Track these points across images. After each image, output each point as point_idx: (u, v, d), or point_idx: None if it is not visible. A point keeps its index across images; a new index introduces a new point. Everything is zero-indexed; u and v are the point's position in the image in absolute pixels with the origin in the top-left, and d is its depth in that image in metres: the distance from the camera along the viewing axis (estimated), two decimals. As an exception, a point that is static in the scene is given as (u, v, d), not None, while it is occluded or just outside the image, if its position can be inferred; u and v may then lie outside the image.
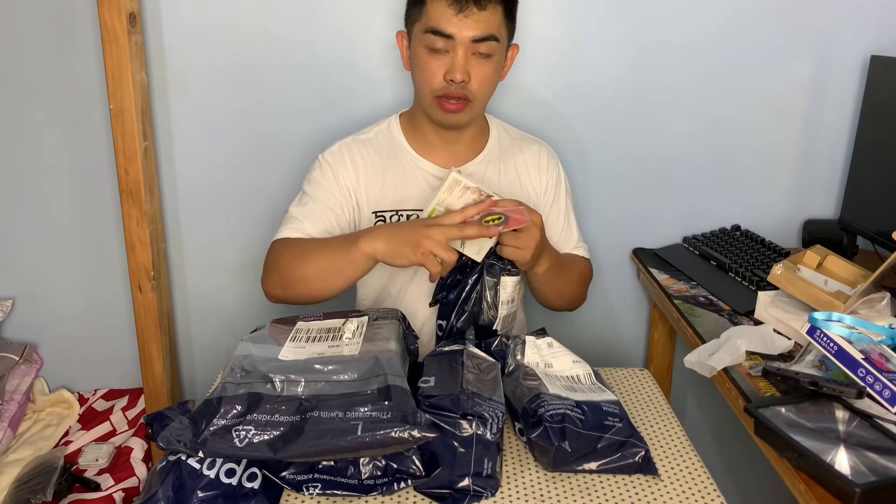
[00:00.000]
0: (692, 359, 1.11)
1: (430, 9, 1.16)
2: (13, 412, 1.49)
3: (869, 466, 0.81)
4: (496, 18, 1.16)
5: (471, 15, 1.14)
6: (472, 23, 1.14)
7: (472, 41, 1.15)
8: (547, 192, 1.35)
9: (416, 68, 1.21)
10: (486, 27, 1.15)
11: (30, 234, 1.59)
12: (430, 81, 1.18)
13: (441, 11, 1.14)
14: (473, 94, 1.19)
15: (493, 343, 1.10)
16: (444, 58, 1.17)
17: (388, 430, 0.83)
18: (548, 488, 0.89)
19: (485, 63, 1.18)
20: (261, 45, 1.48)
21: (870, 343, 1.00)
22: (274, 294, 1.22)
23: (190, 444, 0.83)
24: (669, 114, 1.56)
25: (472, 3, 1.13)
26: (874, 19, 1.51)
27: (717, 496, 0.88)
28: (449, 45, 1.16)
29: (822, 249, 1.28)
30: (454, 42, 1.15)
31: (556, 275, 1.24)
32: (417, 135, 1.30)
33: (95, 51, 1.44)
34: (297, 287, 1.17)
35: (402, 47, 1.26)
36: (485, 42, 1.16)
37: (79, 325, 1.66)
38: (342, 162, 1.27)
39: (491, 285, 1.16)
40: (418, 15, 1.18)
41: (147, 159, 1.45)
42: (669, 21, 1.50)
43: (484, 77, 1.18)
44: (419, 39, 1.18)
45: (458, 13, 1.13)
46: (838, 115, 1.57)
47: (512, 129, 1.38)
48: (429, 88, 1.19)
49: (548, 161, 1.35)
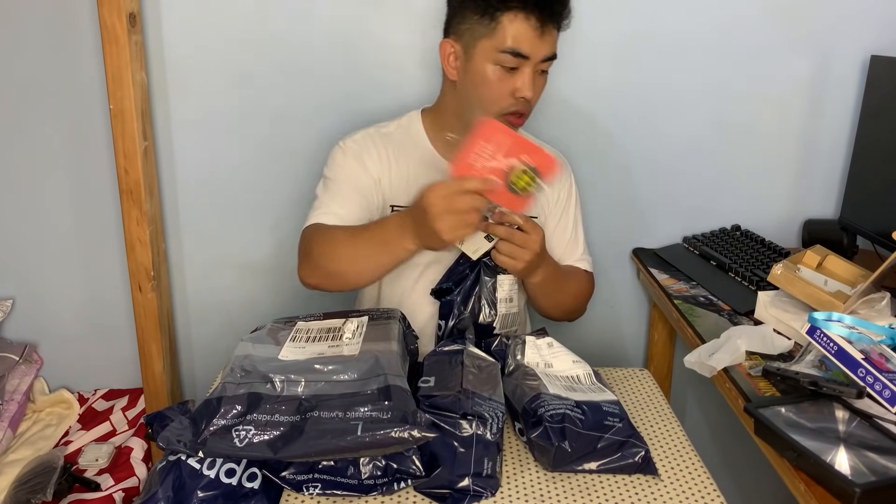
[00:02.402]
0: (692, 359, 1.11)
1: (507, 27, 1.13)
2: (13, 412, 1.49)
3: (869, 466, 0.81)
4: (556, 36, 1.18)
5: (548, 34, 1.14)
6: (547, 43, 1.15)
7: (542, 60, 1.16)
8: (557, 203, 1.35)
9: (480, 85, 1.17)
10: (553, 46, 1.17)
11: (30, 234, 1.59)
12: (500, 100, 1.17)
13: (522, 31, 1.13)
14: (531, 108, 1.20)
15: (493, 343, 1.11)
16: (512, 75, 1.16)
17: (388, 430, 0.83)
18: (548, 488, 0.89)
19: (542, 78, 1.19)
20: (261, 45, 1.47)
21: (870, 343, 1.00)
22: (310, 283, 1.21)
23: (190, 444, 0.83)
24: (669, 114, 1.55)
25: (552, 25, 1.14)
26: (874, 19, 1.51)
27: (717, 496, 0.88)
28: (519, 63, 1.15)
29: (822, 249, 1.28)
30: (528, 61, 1.14)
31: (552, 287, 1.25)
32: (440, 134, 1.29)
33: (95, 51, 1.44)
34: (335, 278, 1.17)
35: (446, 55, 1.21)
36: (550, 61, 1.17)
37: (79, 325, 1.66)
38: (367, 149, 1.26)
39: (488, 284, 1.17)
40: (488, 30, 1.14)
41: (147, 159, 1.45)
42: (669, 21, 1.50)
43: (540, 92, 1.20)
44: (489, 56, 1.15)
45: (541, 36, 1.13)
46: (838, 115, 1.57)
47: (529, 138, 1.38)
48: (497, 106, 1.17)
49: (560, 173, 1.34)
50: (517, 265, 1.12)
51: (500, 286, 1.17)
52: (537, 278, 1.20)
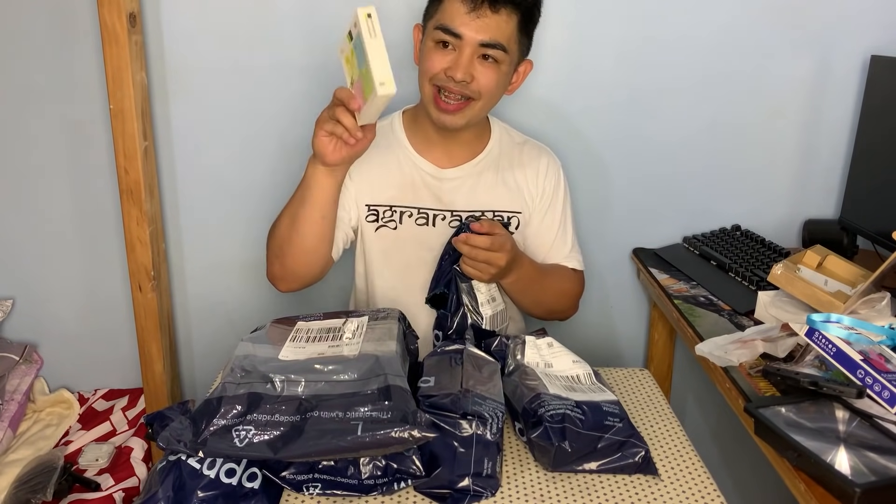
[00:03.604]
0: (704, 348, 1.11)
1: (445, 6, 1.16)
2: (13, 412, 1.49)
3: (869, 466, 0.81)
4: (509, 28, 1.16)
5: (483, 17, 1.14)
6: (482, 25, 1.14)
7: (479, 44, 1.15)
8: (543, 197, 1.33)
9: (421, 60, 1.21)
10: (496, 34, 1.15)
11: (30, 233, 1.59)
12: (430, 70, 1.18)
13: (455, 9, 1.15)
14: (477, 93, 1.18)
15: (493, 343, 1.10)
16: (448, 54, 1.17)
17: (388, 430, 0.83)
18: (548, 488, 0.89)
19: (490, 67, 1.18)
20: (261, 44, 1.47)
21: (869, 344, 1.00)
22: (274, 272, 1.23)
23: (190, 444, 0.83)
24: (670, 114, 1.55)
25: (487, 6, 1.13)
26: (874, 19, 1.51)
27: (717, 496, 0.88)
28: (457, 45, 1.16)
29: (822, 249, 1.29)
30: (462, 42, 1.15)
31: (528, 286, 1.24)
32: (418, 131, 1.30)
33: (95, 51, 1.44)
34: (283, 250, 1.19)
35: (416, 41, 1.26)
36: (492, 49, 1.16)
37: (79, 325, 1.66)
38: None
39: (466, 290, 1.17)
40: (434, 11, 1.19)
41: (147, 159, 1.45)
42: (669, 21, 1.50)
43: (488, 80, 1.18)
44: (430, 34, 1.19)
45: (470, 12, 1.13)
46: (838, 115, 1.57)
47: (516, 133, 1.37)
48: (427, 77, 1.19)
49: (547, 167, 1.34)
50: (482, 277, 1.15)
51: (478, 290, 1.17)
52: (510, 279, 1.20)
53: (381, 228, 1.28)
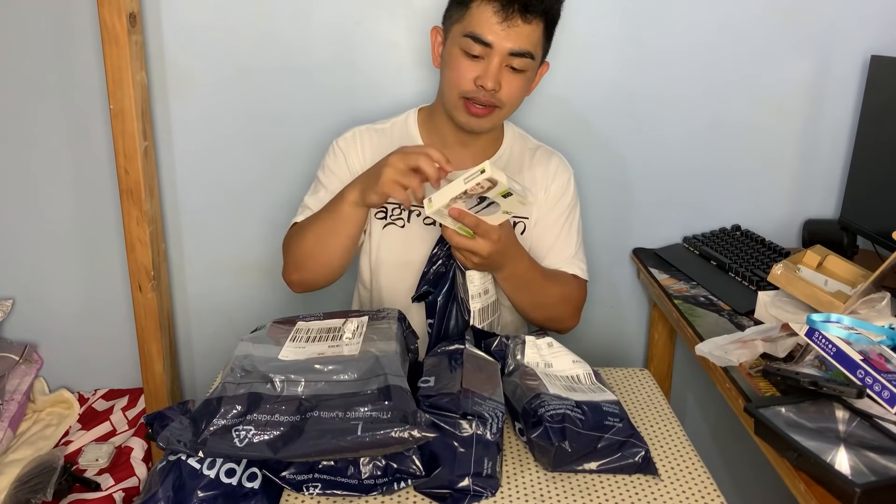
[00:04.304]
0: (704, 348, 1.11)
1: (474, 13, 1.14)
2: (13, 412, 1.49)
3: (869, 466, 0.81)
4: (536, 35, 1.16)
5: (514, 27, 1.13)
6: (513, 35, 1.13)
7: (509, 53, 1.14)
8: (547, 200, 1.32)
9: (446, 68, 1.20)
10: (526, 42, 1.15)
11: (30, 234, 1.59)
12: (459, 83, 1.17)
13: (485, 18, 1.13)
14: (502, 101, 1.18)
15: (493, 343, 1.10)
16: (477, 63, 1.16)
17: (388, 430, 0.82)
18: (548, 488, 0.89)
19: (516, 76, 1.17)
20: (261, 45, 1.48)
21: (868, 344, 1.00)
22: (292, 279, 1.24)
23: (190, 444, 0.83)
24: (670, 114, 1.55)
25: (518, 16, 1.12)
26: (874, 19, 1.51)
27: (717, 496, 0.88)
28: (485, 53, 1.14)
29: (822, 249, 1.29)
30: (491, 51, 1.14)
31: (526, 285, 1.22)
32: (434, 132, 1.29)
33: (95, 51, 1.44)
34: (306, 263, 1.20)
35: (434, 43, 1.25)
36: (521, 57, 1.15)
37: (79, 325, 1.66)
38: (354, 148, 1.28)
39: (460, 280, 1.17)
40: (460, 16, 1.16)
41: (147, 159, 1.45)
42: (670, 21, 1.50)
43: (514, 89, 1.18)
44: (456, 41, 1.17)
45: (502, 22, 1.12)
46: (838, 115, 1.57)
47: (529, 139, 1.36)
48: (456, 90, 1.17)
49: (556, 172, 1.32)
50: (467, 263, 1.14)
51: (471, 281, 1.17)
52: (504, 273, 1.18)
53: (389, 226, 1.28)
